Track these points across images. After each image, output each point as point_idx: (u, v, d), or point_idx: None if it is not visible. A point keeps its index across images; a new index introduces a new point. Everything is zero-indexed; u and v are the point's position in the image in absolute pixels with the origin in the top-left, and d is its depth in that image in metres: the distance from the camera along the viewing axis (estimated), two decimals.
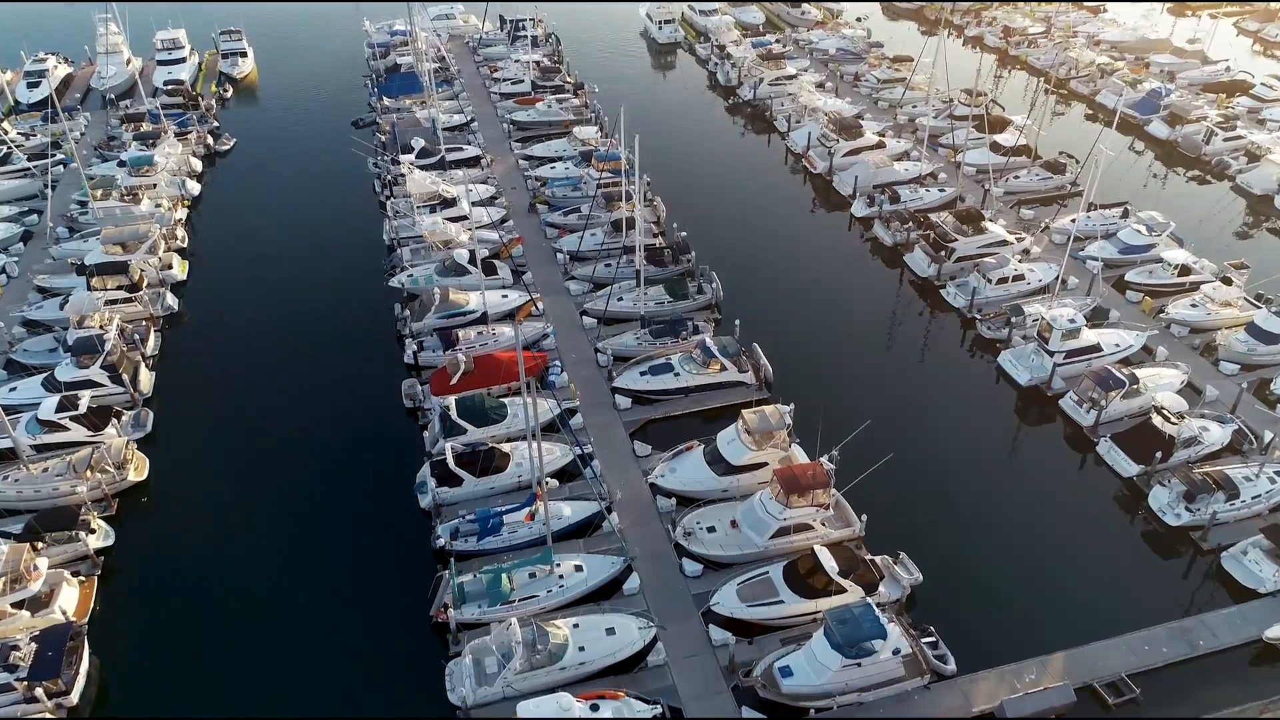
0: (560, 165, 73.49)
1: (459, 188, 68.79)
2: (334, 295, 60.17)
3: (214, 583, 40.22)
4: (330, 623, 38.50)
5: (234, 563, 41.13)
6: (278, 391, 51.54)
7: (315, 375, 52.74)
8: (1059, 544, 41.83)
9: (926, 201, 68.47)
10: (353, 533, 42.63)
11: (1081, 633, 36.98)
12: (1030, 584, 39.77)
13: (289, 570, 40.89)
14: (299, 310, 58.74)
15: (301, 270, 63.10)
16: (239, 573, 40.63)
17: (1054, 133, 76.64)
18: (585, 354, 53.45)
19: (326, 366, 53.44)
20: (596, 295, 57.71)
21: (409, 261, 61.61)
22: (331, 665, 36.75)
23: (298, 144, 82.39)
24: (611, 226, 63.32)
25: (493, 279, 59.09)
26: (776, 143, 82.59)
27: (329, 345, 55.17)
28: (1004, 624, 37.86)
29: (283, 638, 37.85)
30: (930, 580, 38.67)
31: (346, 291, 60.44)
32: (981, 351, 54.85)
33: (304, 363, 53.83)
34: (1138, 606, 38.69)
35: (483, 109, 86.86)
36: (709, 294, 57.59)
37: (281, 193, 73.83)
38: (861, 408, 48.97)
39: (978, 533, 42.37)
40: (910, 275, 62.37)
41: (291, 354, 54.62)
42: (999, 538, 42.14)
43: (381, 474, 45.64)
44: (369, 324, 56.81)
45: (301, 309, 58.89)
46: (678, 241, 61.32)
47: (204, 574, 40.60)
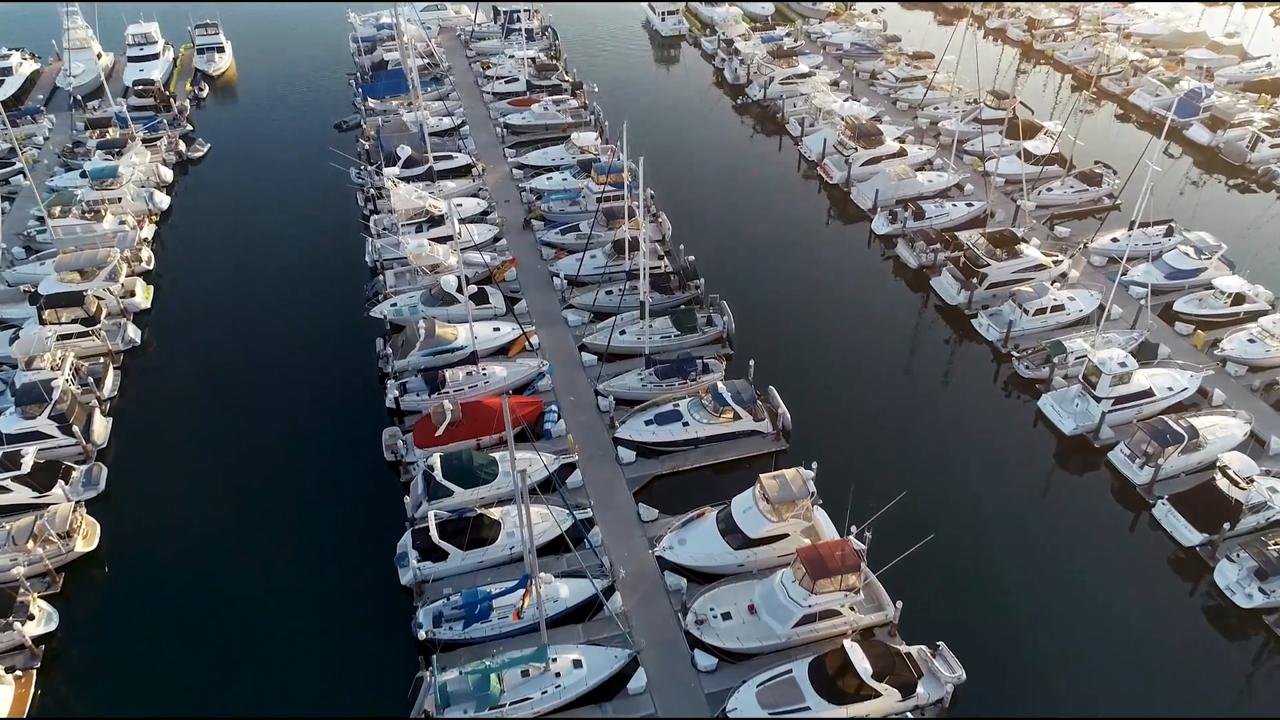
0: (557, 175, 68.82)
1: (447, 202, 64.20)
2: (311, 327, 55.72)
3: (172, 672, 36.12)
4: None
5: (195, 650, 37.00)
6: (247, 441, 47.21)
7: (288, 422, 48.39)
8: (1115, 624, 37.64)
9: (953, 217, 63.85)
10: (327, 613, 38.40)
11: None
12: (1083, 676, 35.64)
13: (255, 658, 36.75)
14: (272, 344, 54.27)
15: (277, 297, 58.60)
16: (200, 663, 36.49)
17: (1084, 137, 71.71)
18: (585, 396, 49.10)
19: (301, 411, 49.08)
20: (597, 328, 53.27)
21: (392, 287, 57.11)
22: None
23: (277, 149, 77.62)
24: (613, 248, 58.81)
25: (484, 308, 54.70)
26: (788, 147, 77.81)
27: (304, 386, 50.76)
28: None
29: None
30: (975, 676, 34.53)
31: (325, 322, 55.98)
32: (1019, 392, 50.45)
33: (276, 406, 49.48)
34: (1206, 701, 34.64)
35: (475, 110, 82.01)
36: (719, 326, 53.17)
37: (257, 206, 69.18)
38: (889, 462, 44.97)
39: (1024, 612, 38.20)
40: (937, 300, 57.88)
41: (262, 396, 50.25)
42: (1047, 616, 37.95)
43: (359, 541, 41.40)
44: (349, 360, 52.39)
45: (275, 342, 54.43)
46: (685, 266, 56.80)
47: (161, 662, 36.48)
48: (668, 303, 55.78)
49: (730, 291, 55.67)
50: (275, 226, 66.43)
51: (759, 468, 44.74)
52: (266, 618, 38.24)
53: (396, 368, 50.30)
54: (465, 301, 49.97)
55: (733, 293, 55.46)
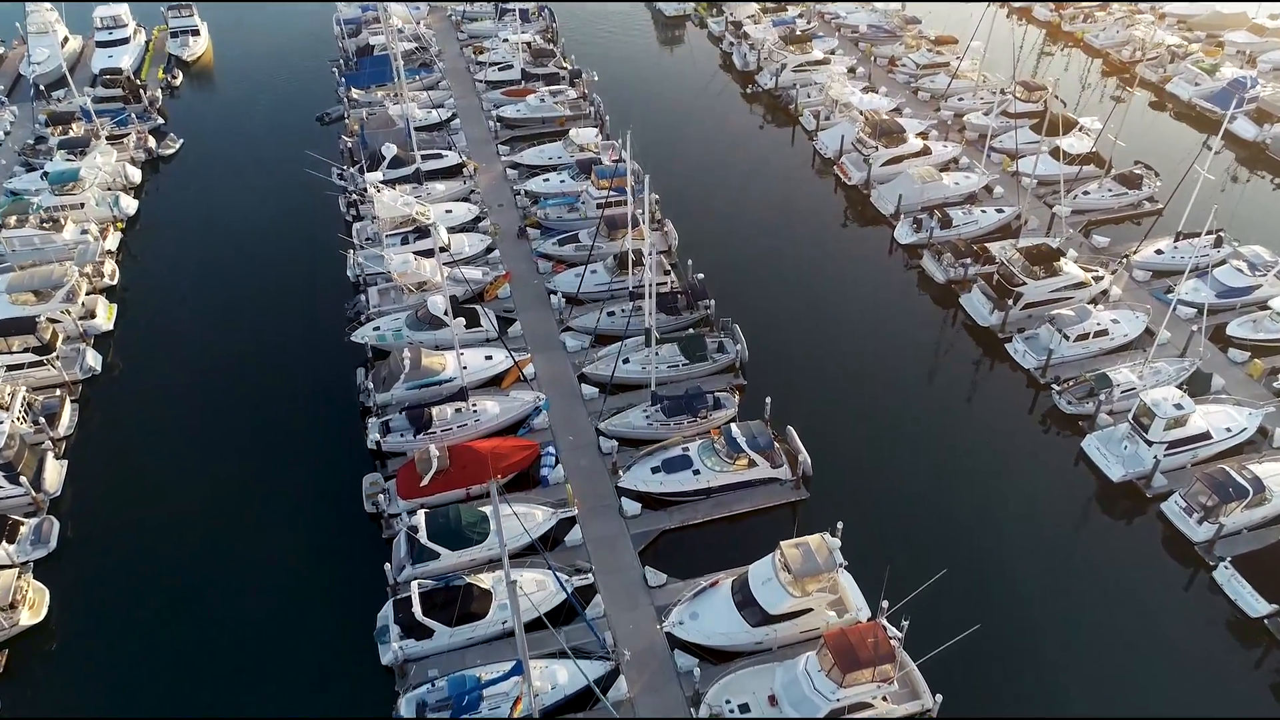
0: (554, 177, 64.25)
1: (436, 208, 59.82)
2: (288, 351, 51.55)
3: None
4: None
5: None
6: (216, 487, 43.33)
7: (262, 465, 44.46)
8: (1178, 710, 34.00)
9: (983, 225, 59.42)
10: (301, 698, 34.73)
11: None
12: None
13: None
14: (246, 371, 50.13)
15: (251, 316, 54.33)
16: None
17: (1116, 131, 66.88)
18: (585, 435, 45.13)
19: (275, 452, 45.12)
20: (598, 355, 49.13)
21: (376, 307, 52.90)
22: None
23: (255, 145, 72.86)
24: (615, 262, 54.52)
25: (474, 332, 50.59)
26: (802, 142, 73.06)
27: (279, 422, 46.73)
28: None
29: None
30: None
31: (303, 345, 51.80)
32: (1060, 429, 46.44)
33: (248, 446, 45.54)
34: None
35: (466, 101, 77.15)
36: (731, 353, 49.06)
37: (233, 210, 64.68)
38: (920, 514, 41.17)
39: (1072, 692, 34.56)
40: (966, 318, 53.67)
41: (234, 434, 46.29)
42: (1104, 700, 34.32)
43: (337, 607, 37.64)
44: (329, 391, 48.34)
45: (249, 369, 50.29)
46: (693, 284, 52.50)
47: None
48: (675, 325, 51.66)
49: (741, 309, 51.68)
50: (251, 234, 62.01)
51: (777, 520, 41.15)
52: (233, 701, 34.61)
53: (379, 402, 46.32)
54: (454, 329, 45.72)
55: (743, 310, 51.50)
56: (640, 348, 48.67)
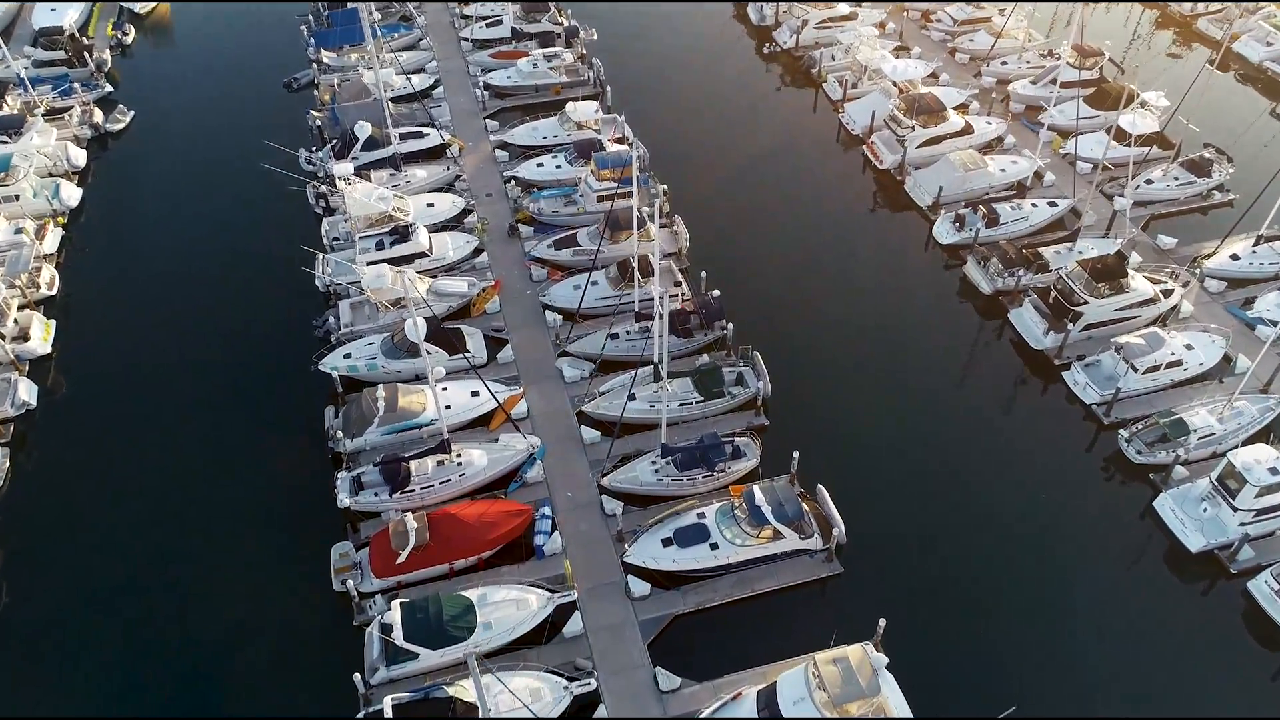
0: (549, 161, 57.41)
1: (416, 201, 53.35)
2: (250, 377, 45.91)
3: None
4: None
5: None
6: (162, 557, 38.26)
7: (216, 527, 39.32)
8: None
9: (1034, 221, 52.90)
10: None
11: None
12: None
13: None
14: (202, 402, 44.60)
15: (210, 333, 48.37)
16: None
17: (1179, 102, 59.64)
18: (585, 492, 39.83)
19: (233, 511, 39.94)
20: (600, 389, 43.45)
21: (348, 326, 47.02)
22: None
23: (215, 117, 65.53)
24: (619, 272, 48.35)
25: (459, 359, 44.81)
26: (825, 111, 65.69)
27: (238, 474, 41.35)
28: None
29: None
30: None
31: (267, 370, 46.14)
32: (1126, 478, 41.07)
33: (203, 500, 40.31)
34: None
35: (450, 63, 69.52)
36: (751, 387, 43.40)
37: (189, 199, 58.01)
38: (969, 592, 36.27)
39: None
40: (1014, 335, 47.76)
41: (188, 483, 41.01)
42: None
43: (304, 710, 33.01)
44: (294, 432, 42.81)
45: (206, 399, 44.75)
46: (709, 302, 46.40)
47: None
48: (686, 348, 45.90)
49: (757, 322, 47.14)
50: (211, 228, 55.54)
51: (808, 599, 36.31)
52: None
53: (350, 448, 40.93)
54: (432, 371, 39.71)
55: (760, 324, 47.11)
56: (648, 381, 43.03)
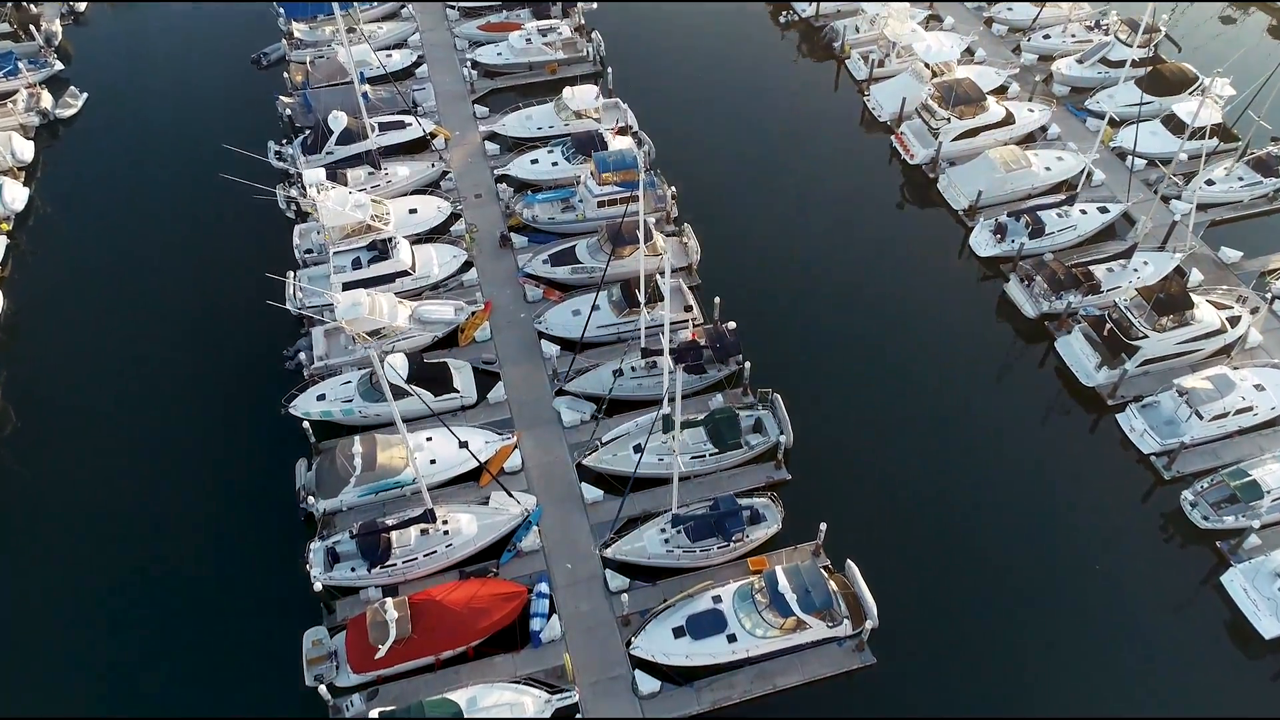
0: (545, 157, 52.10)
1: (397, 206, 48.36)
2: (209, 416, 41.72)
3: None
4: None
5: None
6: (111, 627, 34.59)
7: (172, 599, 35.53)
8: None
9: (1082, 230, 47.87)
10: None
11: None
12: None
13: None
14: (153, 451, 40.39)
15: (169, 364, 43.93)
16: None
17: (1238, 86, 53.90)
18: (586, 565, 35.91)
19: (191, 576, 36.15)
20: (603, 438, 39.21)
21: (321, 359, 42.57)
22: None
23: (178, 99, 59.90)
24: (622, 294, 43.67)
25: (447, 400, 40.57)
26: (848, 92, 59.94)
27: (195, 537, 37.40)
28: None
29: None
30: None
31: (229, 412, 41.87)
32: (1188, 542, 37.13)
33: (154, 573, 36.44)
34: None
35: (435, 35, 63.52)
36: (771, 436, 39.15)
37: (148, 197, 52.90)
38: (1016, 678, 32.51)
39: None
40: (1061, 366, 43.30)
41: (135, 548, 37.09)
42: None
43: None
44: (260, 488, 38.75)
45: (158, 448, 40.55)
46: (724, 335, 41.79)
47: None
48: (698, 385, 41.55)
49: (774, 349, 42.90)
50: (173, 232, 50.57)
51: (835, 694, 32.69)
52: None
53: (323, 510, 36.95)
54: (419, 394, 35.35)
55: (777, 351, 43.01)
56: (654, 428, 38.73)
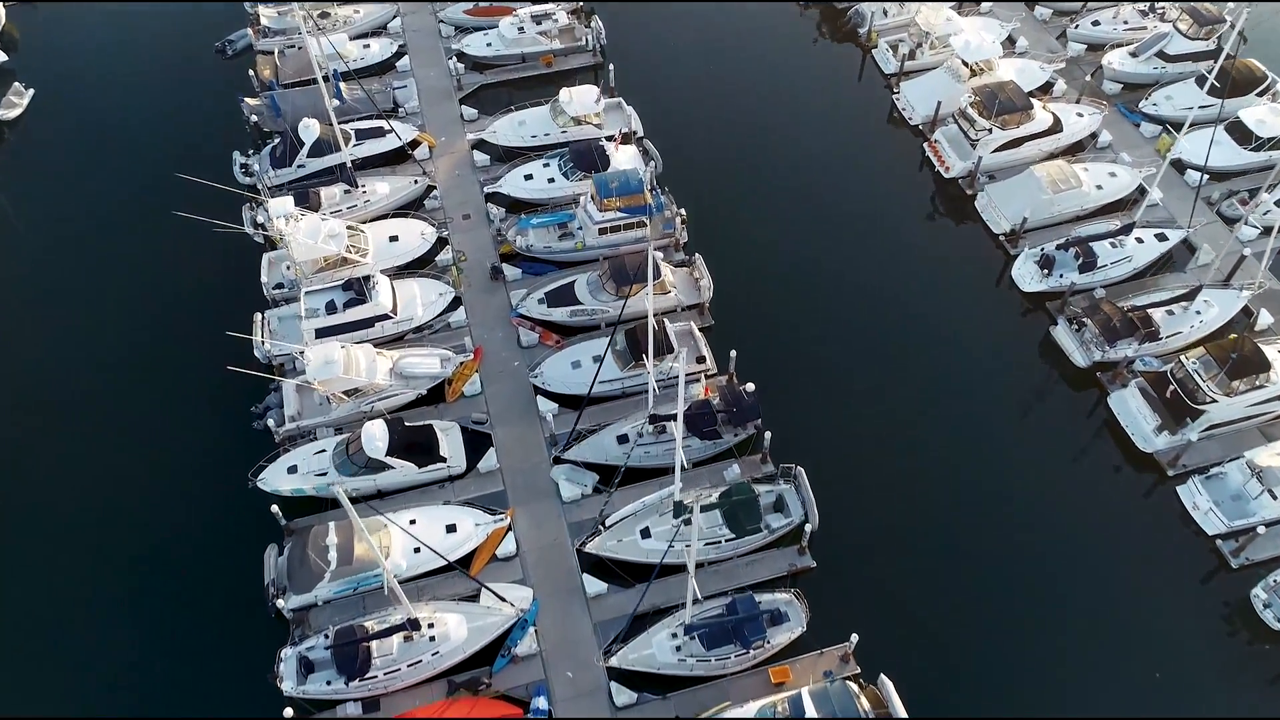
0: (540, 172, 47.19)
1: (377, 232, 43.83)
2: (165, 485, 37.98)
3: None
4: None
5: None
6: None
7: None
8: None
9: (1138, 262, 43.33)
10: None
11: None
12: None
13: None
14: (101, 534, 36.72)
15: (115, 426, 39.91)
16: None
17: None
18: (588, 674, 32.48)
19: (144, 686, 32.87)
20: (608, 519, 35.40)
21: (292, 419, 38.56)
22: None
23: (136, 96, 54.56)
24: (626, 344, 39.42)
25: (432, 471, 36.80)
26: (875, 86, 54.49)
27: (149, 641, 34.04)
28: None
29: None
30: None
31: (188, 480, 38.09)
32: (1257, 641, 33.64)
33: (99, 683, 33.15)
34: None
35: (417, 19, 57.81)
36: (794, 516, 35.40)
37: (99, 216, 48.20)
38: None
39: None
40: (1113, 423, 39.20)
41: (87, 667, 33.74)
42: None
43: None
44: (225, 578, 35.16)
45: (108, 529, 36.87)
46: (743, 397, 37.62)
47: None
48: (710, 450, 37.66)
49: (794, 410, 39.23)
50: (127, 256, 46.03)
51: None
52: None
53: (293, 607, 33.45)
54: (401, 466, 31.80)
55: (797, 413, 39.18)
56: (663, 510, 35.05)
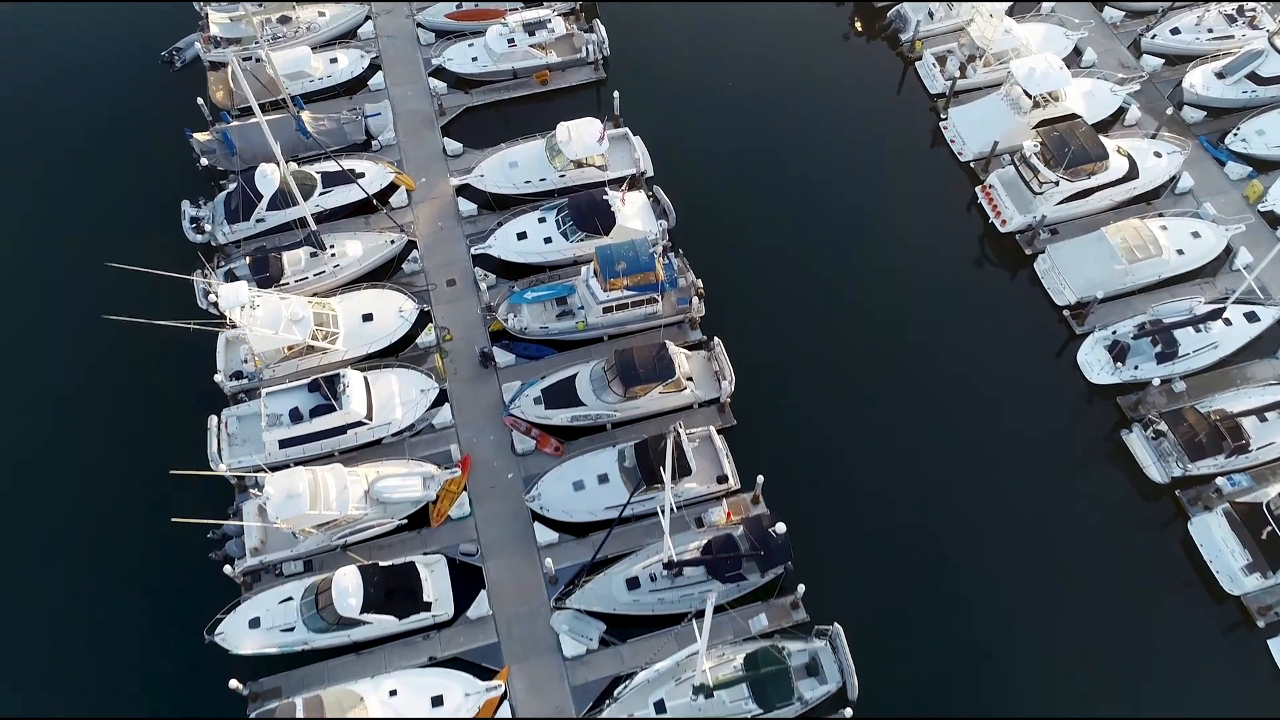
0: (535, 229, 41.45)
1: (349, 307, 38.63)
2: (111, 644, 33.82)
3: None
4: None
5: None
6: None
7: None
8: None
9: (1225, 349, 38.01)
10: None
11: None
12: None
13: None
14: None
15: (47, 560, 35.65)
16: None
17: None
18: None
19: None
20: (616, 680, 31.37)
21: (254, 551, 34.05)
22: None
23: (69, 117, 48.46)
24: (635, 459, 34.65)
25: (416, 621, 32.62)
26: (918, 107, 47.85)
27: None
28: None
29: None
30: None
31: (135, 629, 33.89)
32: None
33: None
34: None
35: (393, 21, 50.99)
36: (830, 683, 31.22)
37: (24, 274, 42.85)
38: None
39: None
40: (1193, 551, 34.53)
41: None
42: None
43: None
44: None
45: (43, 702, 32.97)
46: (772, 537, 32.88)
47: None
48: (733, 593, 33.32)
49: (825, 537, 35.29)
50: (60, 341, 40.96)
51: None
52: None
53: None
54: (378, 620, 27.70)
55: (829, 541, 35.23)
56: (679, 677, 30.92)
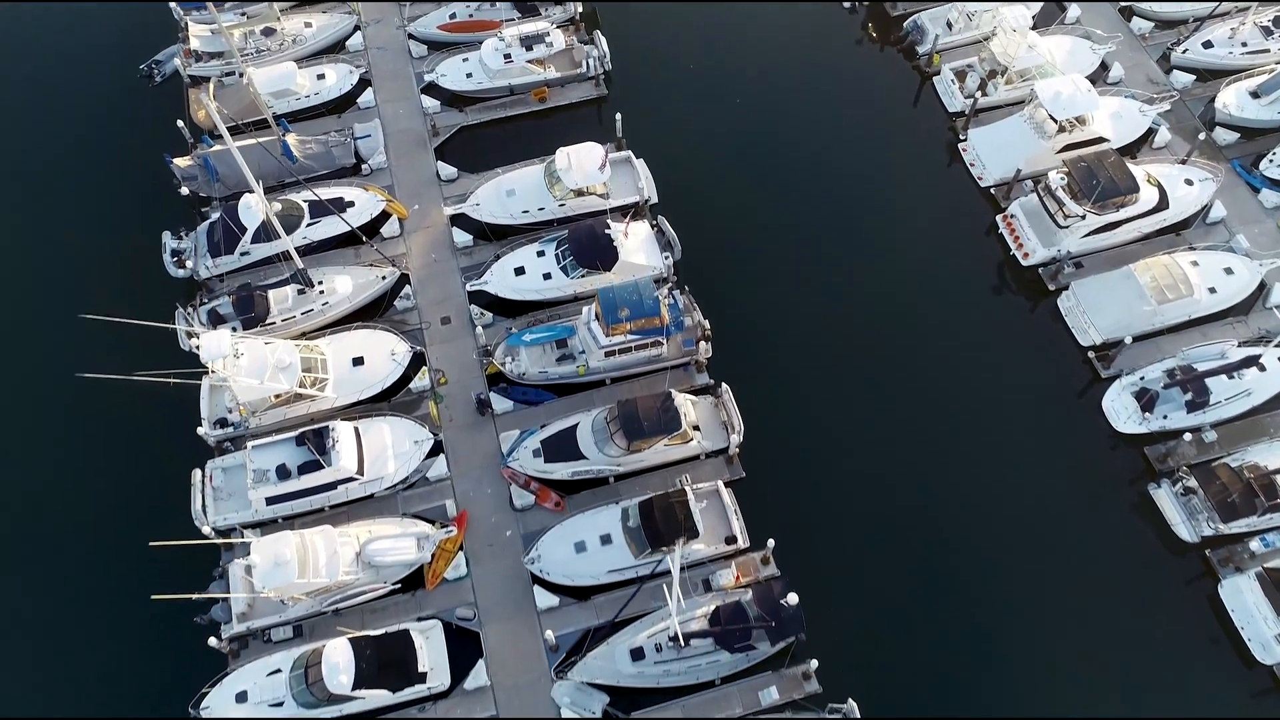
0: (534, 264, 39.60)
1: (338, 350, 37.05)
2: None
3: None
4: None
5: None
6: None
7: None
8: None
9: (1257, 398, 36.12)
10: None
11: None
12: None
13: None
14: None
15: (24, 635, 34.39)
16: None
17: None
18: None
19: None
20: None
21: (240, 618, 32.72)
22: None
23: (43, 142, 46.50)
24: (640, 520, 33.13)
25: (410, 694, 31.32)
26: (935, 125, 45.54)
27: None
28: None
29: None
30: None
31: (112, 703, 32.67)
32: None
33: None
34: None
35: (382, 31, 48.70)
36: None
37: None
38: None
39: None
40: (1225, 617, 33.01)
41: None
42: None
43: None
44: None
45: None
46: (784, 607, 31.37)
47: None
48: (742, 664, 32.02)
49: (842, 607, 33.63)
50: (31, 384, 39.30)
51: None
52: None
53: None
54: (370, 695, 26.49)
55: (840, 604, 33.76)
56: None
